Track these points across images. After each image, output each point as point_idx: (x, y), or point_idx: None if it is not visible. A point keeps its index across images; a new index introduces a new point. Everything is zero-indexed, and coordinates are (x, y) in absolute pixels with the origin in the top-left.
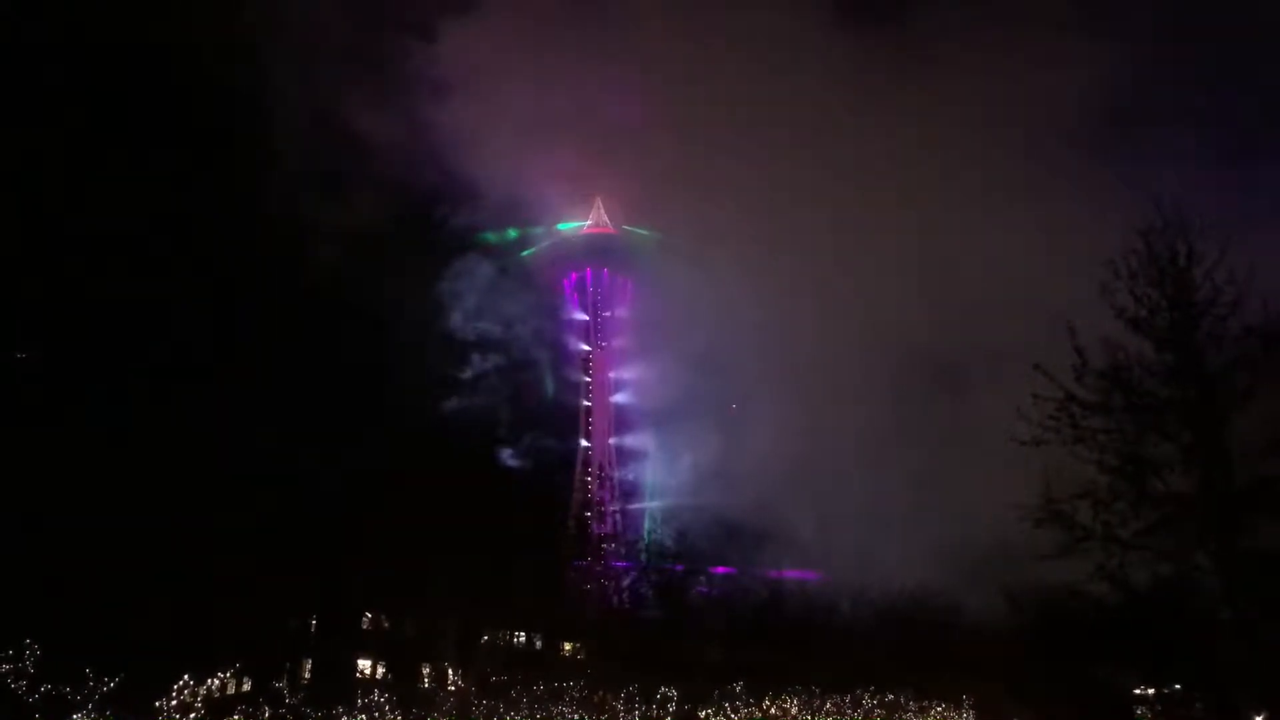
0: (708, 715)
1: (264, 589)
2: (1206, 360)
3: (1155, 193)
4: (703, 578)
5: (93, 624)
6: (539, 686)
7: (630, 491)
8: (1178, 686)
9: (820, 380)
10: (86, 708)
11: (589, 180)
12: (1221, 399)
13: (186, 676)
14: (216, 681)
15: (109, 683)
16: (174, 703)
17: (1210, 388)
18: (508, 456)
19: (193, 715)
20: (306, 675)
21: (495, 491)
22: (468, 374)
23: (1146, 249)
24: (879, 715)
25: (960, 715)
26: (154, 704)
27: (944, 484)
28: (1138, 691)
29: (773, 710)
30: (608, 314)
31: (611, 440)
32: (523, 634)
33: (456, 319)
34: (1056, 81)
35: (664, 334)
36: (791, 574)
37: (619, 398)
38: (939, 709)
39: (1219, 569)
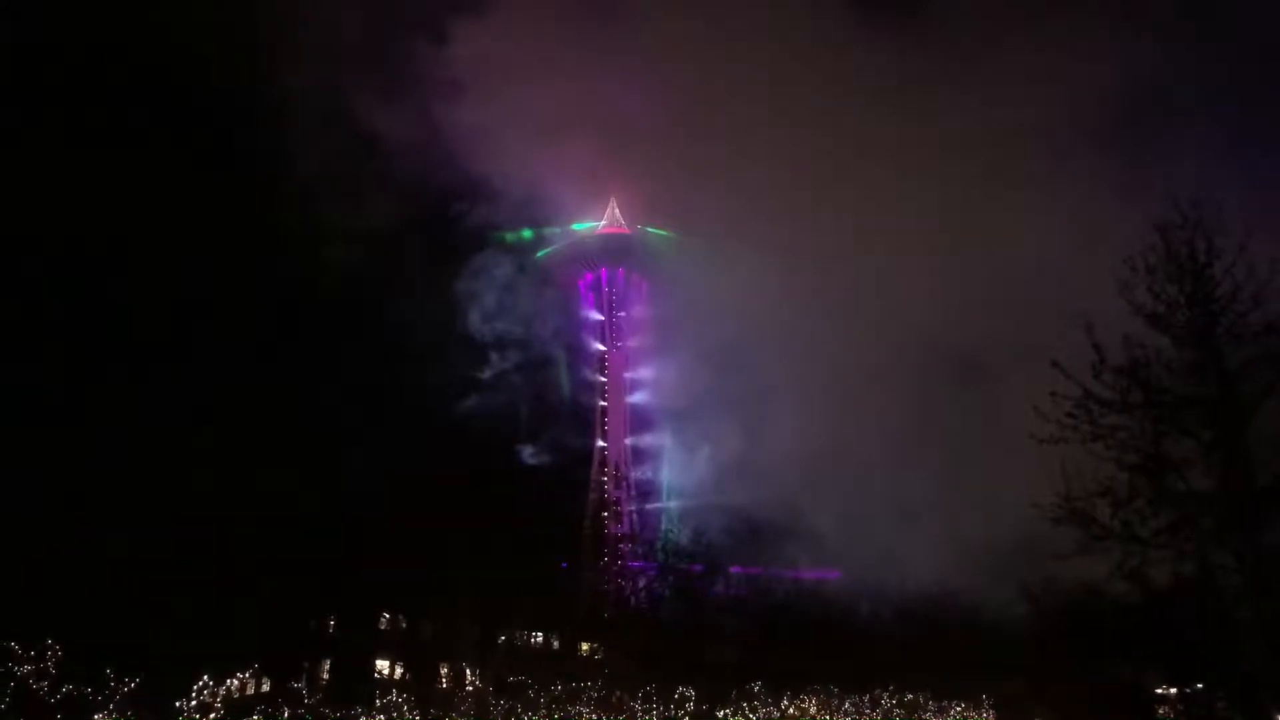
0: (726, 715)
1: (282, 590)
2: (1226, 357)
3: (1173, 189)
4: (721, 577)
5: (113, 625)
6: (556, 686)
7: (647, 491)
8: (1200, 686)
9: (840, 377)
10: (107, 708)
11: (604, 180)
12: (1242, 396)
13: (206, 677)
14: (236, 682)
15: (129, 683)
16: (194, 703)
17: (1230, 385)
18: (525, 457)
19: (212, 715)
20: (325, 675)
21: (512, 492)
22: (484, 374)
23: (1165, 245)
24: (898, 715)
25: (980, 715)
26: (174, 704)
27: (965, 481)
28: (1159, 691)
29: (791, 710)
30: (623, 314)
31: (628, 440)
32: (540, 634)
33: (472, 319)
34: (1079, 75)
35: (680, 333)
36: (811, 573)
37: (635, 398)
38: (958, 709)
39: (1240, 567)
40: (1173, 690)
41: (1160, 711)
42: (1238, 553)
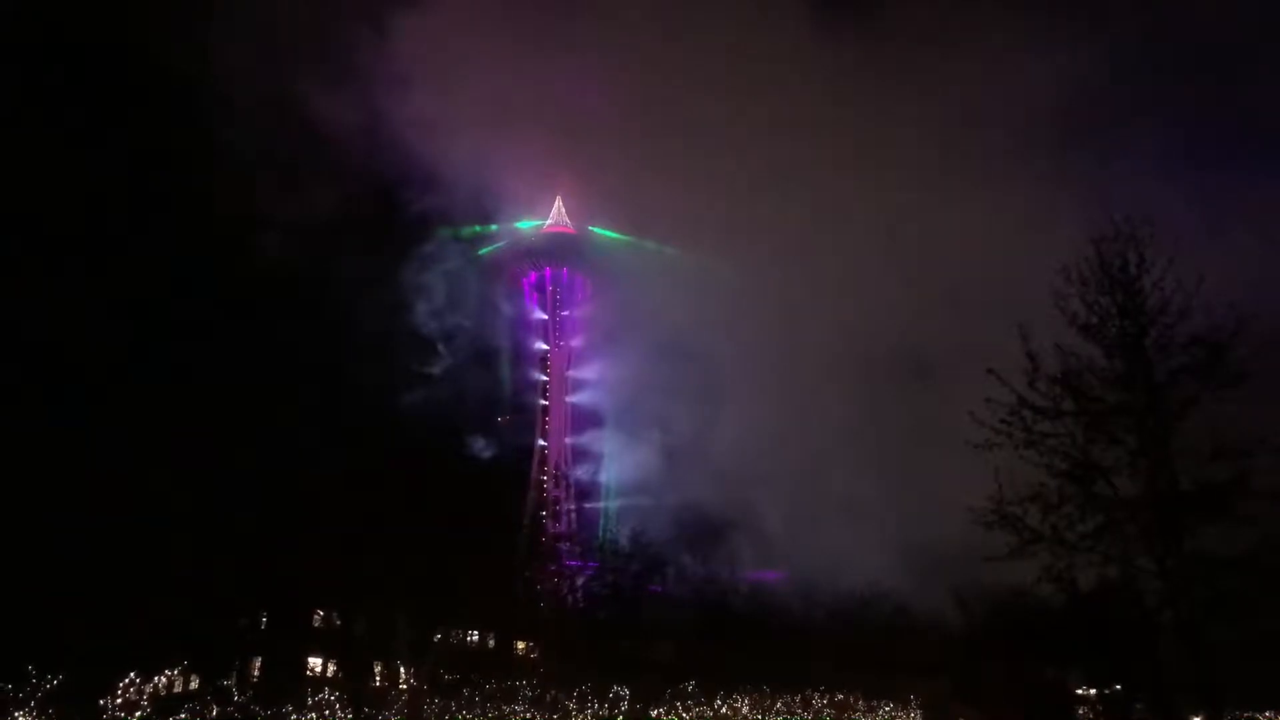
0: (659, 714)
1: (213, 585)
2: (1154, 367)
3: (1108, 202)
4: (657, 577)
5: (36, 620)
6: (492, 685)
7: (587, 490)
8: (1118, 687)
9: (784, 379)
10: (28, 705)
11: (550, 178)
12: (1167, 405)
13: (132, 674)
14: (163, 679)
15: (51, 680)
16: (119, 701)
17: (1157, 394)
18: (465, 454)
19: (138, 714)
20: (256, 673)
21: (450, 490)
22: (424, 371)
23: (1098, 257)
24: (829, 714)
25: (908, 714)
26: (98, 702)
27: (905, 484)
28: (1079, 692)
29: (724, 709)
30: (566, 313)
31: (569, 439)
32: (476, 633)
33: (413, 316)
34: (1027, 83)
35: (623, 333)
36: (747, 574)
37: (577, 397)
38: (887, 709)
39: (1161, 571)
40: (1092, 691)
41: (1080, 712)
42: (1159, 557)
